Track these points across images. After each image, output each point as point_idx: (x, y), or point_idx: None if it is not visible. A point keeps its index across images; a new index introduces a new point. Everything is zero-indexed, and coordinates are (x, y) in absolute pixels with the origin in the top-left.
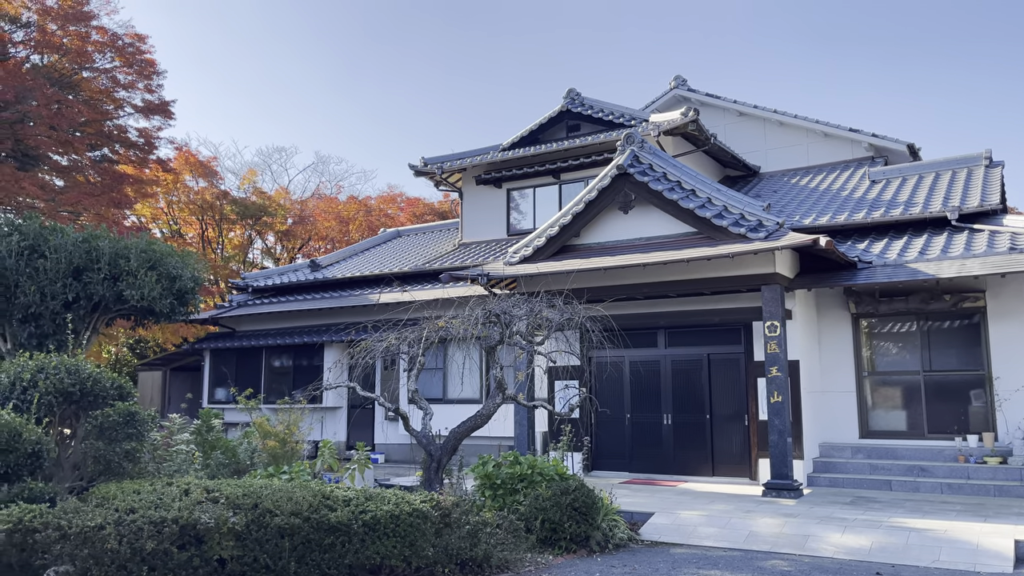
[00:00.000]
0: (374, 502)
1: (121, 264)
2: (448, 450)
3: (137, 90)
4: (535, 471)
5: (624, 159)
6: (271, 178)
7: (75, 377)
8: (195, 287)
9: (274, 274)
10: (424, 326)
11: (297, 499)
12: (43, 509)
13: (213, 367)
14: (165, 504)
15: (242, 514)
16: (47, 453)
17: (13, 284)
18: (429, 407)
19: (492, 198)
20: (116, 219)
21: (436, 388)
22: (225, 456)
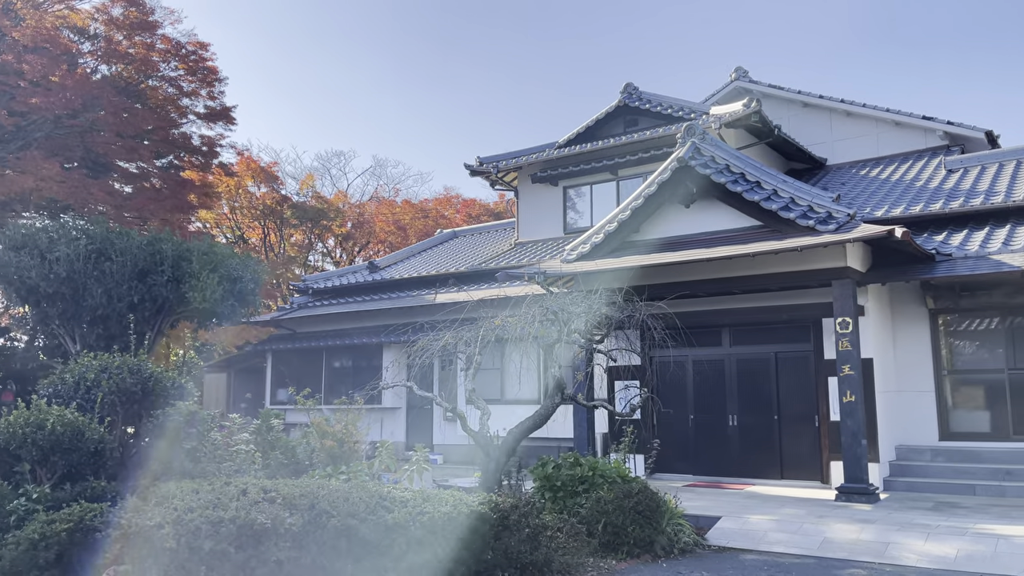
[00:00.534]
0: (431, 503)
1: (183, 266)
2: (506, 451)
3: (200, 97)
4: (596, 473)
5: (685, 151)
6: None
7: (137, 377)
8: (255, 289)
9: (333, 276)
10: (481, 325)
11: (354, 500)
12: (104, 508)
13: (275, 368)
14: (223, 504)
15: (299, 515)
16: (110, 452)
17: (81, 287)
18: (487, 407)
19: (548, 196)
20: (180, 224)
21: (494, 388)
22: (285, 456)
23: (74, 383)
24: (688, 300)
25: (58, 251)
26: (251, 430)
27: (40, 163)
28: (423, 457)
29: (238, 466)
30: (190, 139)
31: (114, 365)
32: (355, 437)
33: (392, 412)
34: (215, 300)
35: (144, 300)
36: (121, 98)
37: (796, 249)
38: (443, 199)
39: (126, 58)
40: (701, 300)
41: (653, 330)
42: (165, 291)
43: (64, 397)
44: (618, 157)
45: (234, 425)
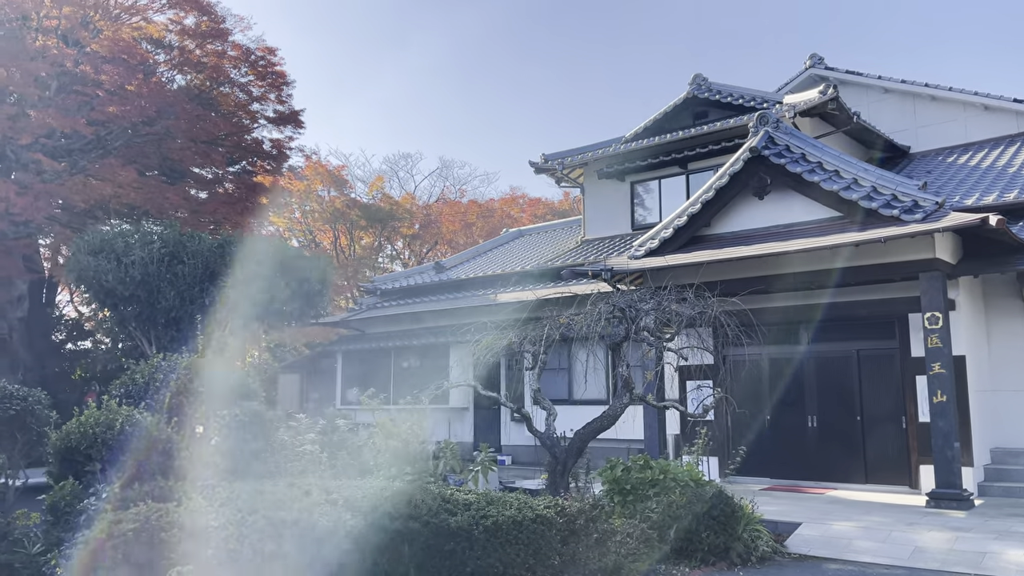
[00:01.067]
0: (495, 507)
1: (253, 268)
2: (573, 453)
3: (269, 101)
4: (667, 476)
5: (757, 141)
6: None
7: (203, 378)
8: (323, 289)
9: (401, 277)
10: (545, 324)
11: (416, 502)
12: (169, 508)
13: (345, 369)
14: (285, 505)
15: (360, 517)
16: (177, 452)
17: (155, 289)
18: (553, 407)
19: (615, 192)
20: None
21: (561, 388)
22: (351, 457)
23: (144, 384)
24: (762, 296)
25: (133, 255)
26: (317, 431)
27: (118, 170)
28: (488, 458)
29: (304, 467)
30: (261, 144)
31: (181, 366)
32: (420, 437)
33: (460, 412)
34: (283, 300)
35: (215, 301)
36: (194, 105)
37: (879, 240)
38: (509, 199)
39: (198, 66)
40: (776, 296)
41: (726, 327)
42: (235, 292)
43: (135, 397)
44: (687, 150)
45: (301, 425)
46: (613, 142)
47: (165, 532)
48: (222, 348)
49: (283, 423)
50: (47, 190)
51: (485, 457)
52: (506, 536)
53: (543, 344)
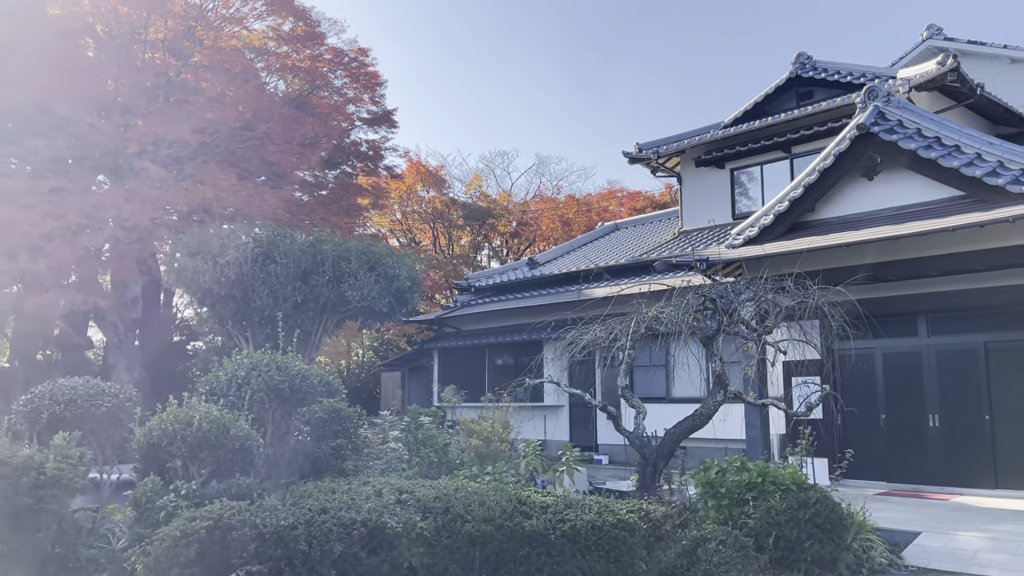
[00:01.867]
0: (574, 510)
1: (343, 266)
2: (664, 453)
3: (363, 103)
4: (766, 479)
5: (866, 117)
6: (495, 182)
7: (284, 374)
8: (412, 286)
9: (495, 274)
10: (632, 317)
11: (490, 504)
12: (242, 507)
13: (441, 366)
14: (356, 505)
15: (431, 519)
16: (256, 449)
17: (249, 289)
18: (642, 405)
19: (714, 180)
20: (351, 228)
21: (658, 386)
22: (436, 455)
23: (227, 380)
24: (874, 285)
25: (227, 255)
26: (401, 428)
27: (217, 174)
28: (574, 458)
29: (386, 464)
30: (357, 145)
31: (263, 363)
32: (503, 436)
33: (555, 410)
34: (372, 298)
35: (307, 300)
36: (290, 109)
37: (1007, 220)
38: (606, 193)
39: (294, 70)
40: (889, 284)
41: (832, 318)
42: (326, 291)
43: (218, 394)
44: (791, 133)
45: (385, 422)
46: (711, 128)
47: (236, 531)
48: (315, 345)
49: (364, 420)
50: (152, 195)
51: (571, 457)
52: (585, 542)
53: (629, 339)
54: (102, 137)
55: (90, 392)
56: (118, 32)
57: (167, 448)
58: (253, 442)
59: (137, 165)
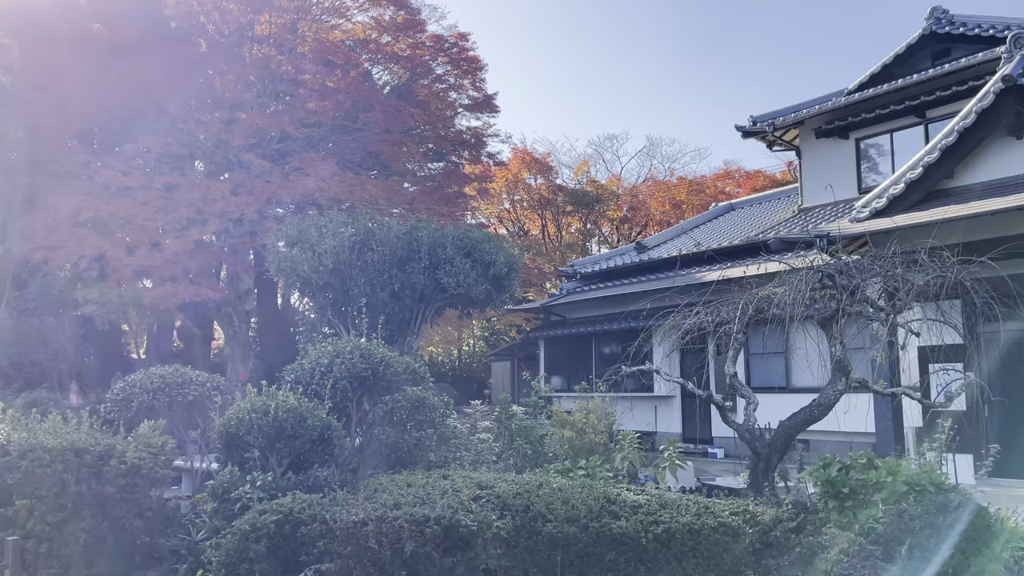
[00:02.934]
0: (669, 511)
1: (438, 253)
2: (777, 448)
3: (464, 89)
4: (897, 478)
5: (1012, 67)
6: (604, 167)
7: (367, 361)
8: (510, 273)
9: (601, 259)
10: (739, 299)
11: (574, 503)
12: (314, 500)
13: (547, 355)
14: (431, 501)
15: (509, 518)
16: (336, 439)
17: (348, 277)
18: (752, 395)
19: (837, 152)
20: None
21: (777, 374)
22: (531, 446)
23: (310, 369)
24: None
25: (324, 244)
26: (493, 418)
27: (319, 165)
28: (679, 451)
29: (476, 457)
30: (460, 133)
31: (346, 350)
32: (597, 427)
33: (666, 401)
34: (468, 284)
35: (404, 288)
36: (391, 98)
37: None
38: (722, 174)
39: (395, 59)
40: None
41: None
42: (422, 278)
43: (302, 383)
44: (925, 95)
45: (476, 412)
46: (832, 96)
47: (306, 526)
48: (414, 334)
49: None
50: (257, 188)
51: (673, 451)
52: (681, 547)
53: (737, 322)
54: (208, 132)
55: (177, 380)
56: (228, 31)
57: (244, 438)
58: (333, 432)
59: (242, 158)
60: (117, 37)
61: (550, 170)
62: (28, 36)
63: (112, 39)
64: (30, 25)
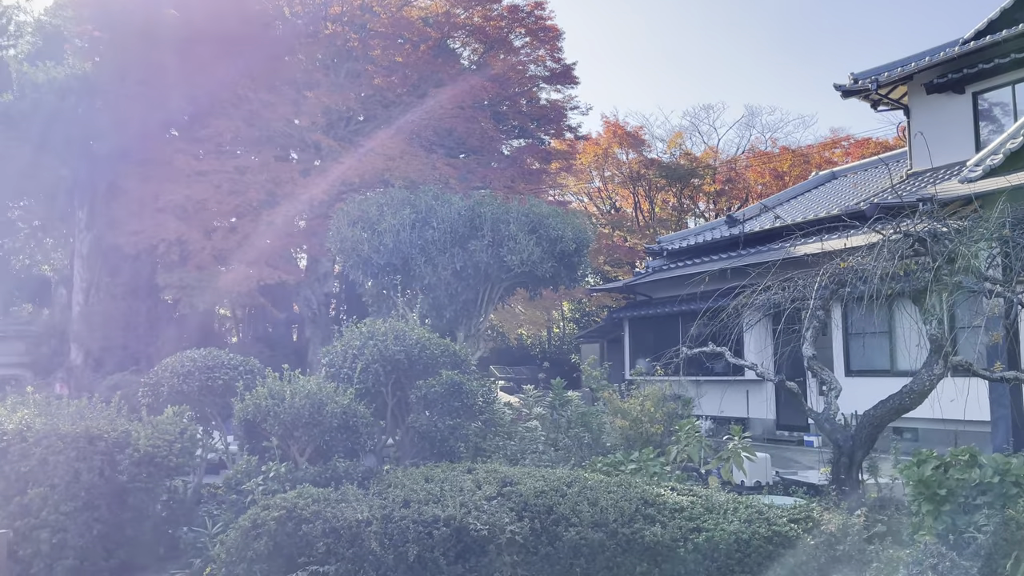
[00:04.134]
0: (715, 516)
1: (501, 229)
2: (862, 441)
3: (541, 60)
4: (1007, 478)
5: None
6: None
7: (401, 343)
8: (579, 248)
9: (690, 235)
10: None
11: (604, 504)
12: (323, 495)
13: (632, 336)
14: (444, 499)
15: (527, 520)
16: (363, 427)
17: (408, 257)
18: (835, 380)
19: (951, 108)
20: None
21: (882, 357)
22: (590, 435)
23: (342, 351)
24: None
25: (384, 222)
26: (545, 404)
27: (387, 143)
28: (743, 445)
29: (522, 446)
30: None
31: (380, 331)
32: (654, 416)
33: (758, 385)
34: (533, 262)
35: (466, 267)
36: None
37: None
38: (828, 142)
39: (468, 30)
40: None
41: None
42: (485, 256)
43: (335, 367)
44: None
45: (529, 397)
46: (946, 47)
47: (309, 524)
48: (480, 315)
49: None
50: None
51: (738, 442)
52: (726, 559)
53: (815, 299)
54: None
55: (208, 364)
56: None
57: (261, 426)
58: (359, 420)
59: (311, 139)
60: (195, 24)
61: (642, 144)
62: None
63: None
64: (108, 14)
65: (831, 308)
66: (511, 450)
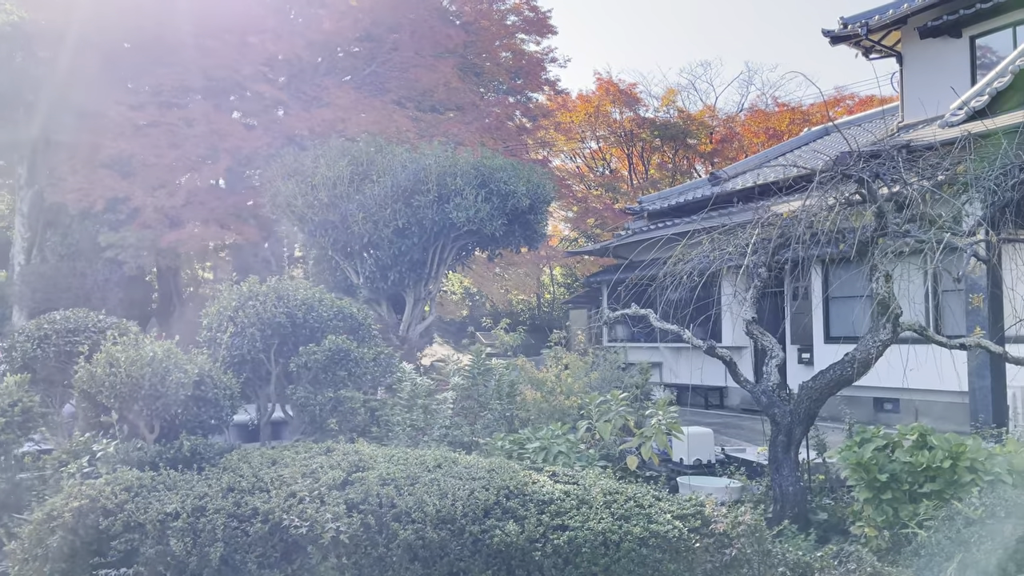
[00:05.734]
0: (584, 511)
1: (448, 183)
2: (801, 417)
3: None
4: (959, 463)
5: None
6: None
7: (285, 304)
8: (535, 205)
9: (672, 195)
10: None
11: (457, 496)
12: (136, 481)
13: (610, 302)
14: (275, 487)
15: (360, 515)
16: (227, 400)
17: (347, 213)
18: (776, 346)
19: (946, 54)
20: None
21: (861, 322)
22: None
23: (217, 315)
24: None
25: (319, 175)
26: (464, 374)
27: (335, 93)
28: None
29: (430, 420)
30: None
31: (261, 291)
32: (572, 388)
33: (737, 352)
34: (481, 220)
35: (410, 224)
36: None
37: None
38: (831, 100)
39: None
40: None
41: None
42: (430, 212)
43: (212, 331)
44: None
45: (446, 367)
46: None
47: (111, 517)
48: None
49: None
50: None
51: (663, 417)
52: (588, 566)
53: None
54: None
55: (69, 327)
56: None
57: (96, 398)
58: (221, 391)
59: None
60: None
61: (637, 102)
62: None
63: None
64: None
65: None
66: (418, 425)
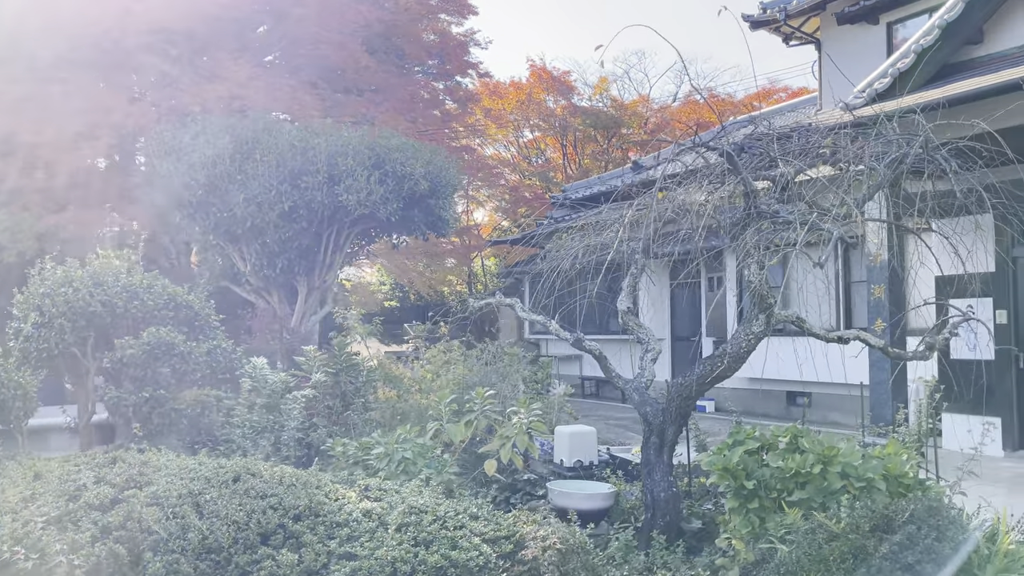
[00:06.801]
0: (379, 536)
1: (339, 163)
2: (673, 416)
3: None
4: (830, 468)
5: None
6: (632, 87)
7: (104, 291)
8: (435, 190)
9: (595, 183)
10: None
11: (229, 518)
12: None
13: (532, 295)
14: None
15: (108, 544)
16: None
17: (228, 194)
18: (653, 340)
19: (864, 41)
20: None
21: None
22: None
23: (25, 304)
24: None
25: (197, 153)
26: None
27: (229, 66)
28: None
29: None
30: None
31: (77, 277)
32: (428, 383)
33: None
34: (374, 203)
35: (298, 207)
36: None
37: None
38: (762, 92)
39: None
40: None
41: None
42: (319, 195)
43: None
44: None
45: (312, 361)
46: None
47: None
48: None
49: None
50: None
51: (524, 414)
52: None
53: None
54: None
55: None
56: None
57: None
58: (7, 392)
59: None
60: None
61: (571, 90)
62: None
63: None
64: None
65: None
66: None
